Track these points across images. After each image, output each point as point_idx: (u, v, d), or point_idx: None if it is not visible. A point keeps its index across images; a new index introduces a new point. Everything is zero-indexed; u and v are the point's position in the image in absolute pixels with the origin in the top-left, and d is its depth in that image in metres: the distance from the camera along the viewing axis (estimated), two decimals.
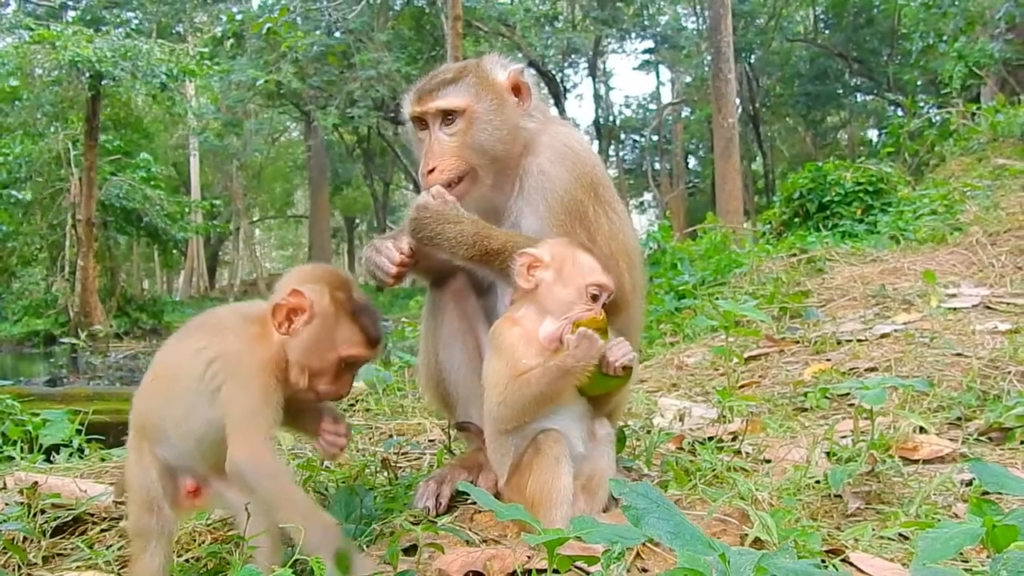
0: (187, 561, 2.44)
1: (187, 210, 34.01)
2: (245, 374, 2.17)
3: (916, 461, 3.27)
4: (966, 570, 1.85)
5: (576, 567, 2.24)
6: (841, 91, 44.53)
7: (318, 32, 34.71)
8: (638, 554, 2.41)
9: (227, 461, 2.10)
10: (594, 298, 2.48)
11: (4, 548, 2.49)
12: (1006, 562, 1.52)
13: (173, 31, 39.43)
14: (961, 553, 2.28)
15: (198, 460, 2.24)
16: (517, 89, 2.83)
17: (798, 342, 5.40)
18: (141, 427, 2.26)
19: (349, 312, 2.29)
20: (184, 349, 2.26)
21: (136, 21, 38.10)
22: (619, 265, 2.74)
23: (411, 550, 2.33)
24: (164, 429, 2.23)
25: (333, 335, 2.27)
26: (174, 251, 37.00)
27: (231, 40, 35.88)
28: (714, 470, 3.09)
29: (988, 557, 1.66)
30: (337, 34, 36.17)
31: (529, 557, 2.25)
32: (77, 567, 2.45)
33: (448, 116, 2.77)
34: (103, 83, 24.56)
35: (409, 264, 2.74)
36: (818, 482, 2.97)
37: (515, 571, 2.19)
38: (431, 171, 2.76)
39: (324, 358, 2.26)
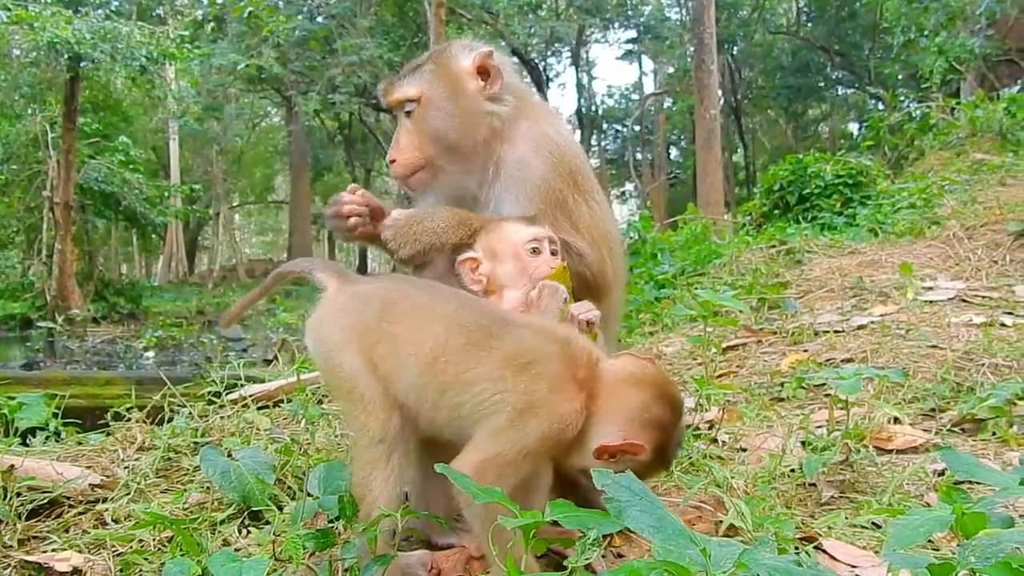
0: (162, 545, 2.44)
1: (166, 194, 33.73)
2: (534, 428, 2.02)
3: (890, 451, 3.31)
4: (936, 557, 1.87)
5: (551, 551, 2.26)
6: (822, 84, 44.67)
7: (300, 17, 34.43)
8: (613, 539, 2.43)
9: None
10: (535, 251, 2.46)
11: None
12: (974, 548, 1.55)
13: (153, 14, 39.04)
14: (931, 540, 2.32)
15: (428, 429, 2.19)
16: (485, 72, 2.80)
17: (776, 332, 5.44)
18: (373, 359, 2.17)
19: (664, 460, 2.13)
20: (476, 363, 2.09)
21: (116, 3, 37.73)
22: (601, 252, 2.76)
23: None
24: (408, 397, 2.16)
25: (639, 472, 2.00)
26: (153, 236, 36.75)
27: (212, 23, 35.52)
28: (690, 457, 3.12)
29: (957, 544, 1.68)
30: (319, 19, 35.90)
31: None
32: (53, 549, 2.44)
33: (408, 105, 2.77)
34: (82, 65, 24.25)
35: (360, 208, 2.75)
36: (793, 471, 3.00)
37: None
38: (392, 162, 2.82)
39: None
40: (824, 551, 2.38)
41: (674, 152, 56.48)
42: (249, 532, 2.56)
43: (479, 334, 2.14)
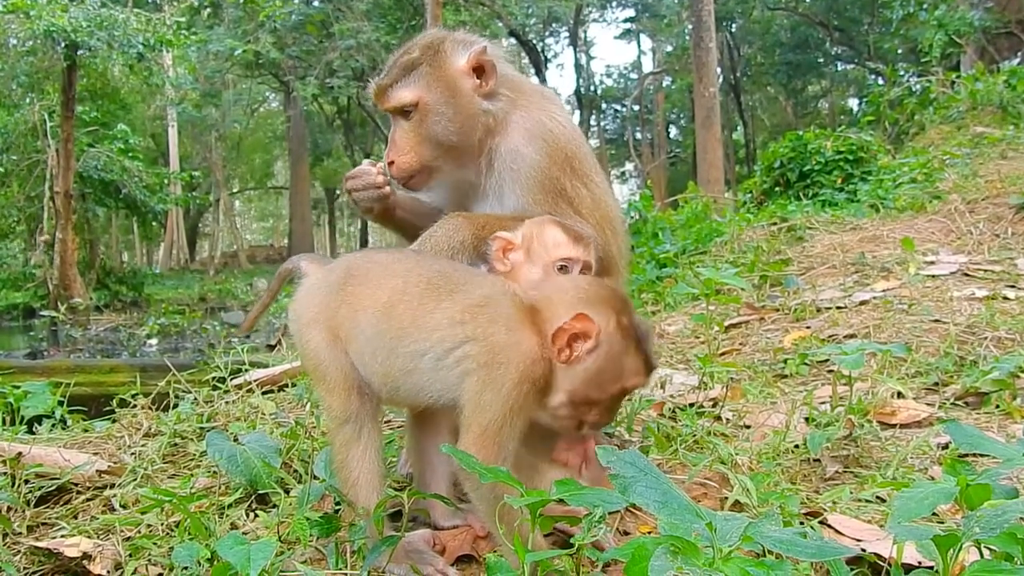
0: (170, 530, 2.45)
1: (166, 182, 33.69)
2: (505, 378, 2.01)
3: (893, 426, 3.32)
4: (941, 529, 1.88)
5: (557, 529, 2.28)
6: (822, 60, 44.51)
7: (296, 1, 34.33)
8: (620, 517, 2.44)
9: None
10: (563, 270, 2.47)
11: None
12: (979, 519, 1.56)
13: (149, 0, 38.92)
14: (936, 513, 2.33)
15: (383, 391, 2.22)
16: (480, 70, 2.78)
17: (778, 310, 5.44)
18: (335, 328, 2.22)
19: (634, 339, 2.09)
20: (434, 307, 2.11)
21: None
22: (605, 233, 2.77)
23: (395, 516, 2.35)
24: (364, 353, 2.19)
25: (619, 365, 2.08)
26: (153, 223, 36.67)
27: (208, 9, 35.43)
28: (694, 435, 3.12)
29: (962, 516, 1.69)
30: (316, 3, 35.82)
31: None
32: (62, 535, 2.46)
33: (404, 110, 2.77)
34: (79, 53, 24.18)
35: (388, 178, 2.83)
36: (797, 447, 3.01)
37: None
38: (391, 163, 2.82)
39: (604, 390, 2.09)
40: (829, 526, 2.39)
41: (673, 131, 56.41)
42: (256, 515, 2.57)
43: (440, 281, 2.17)
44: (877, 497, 2.58)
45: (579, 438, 2.23)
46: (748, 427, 3.38)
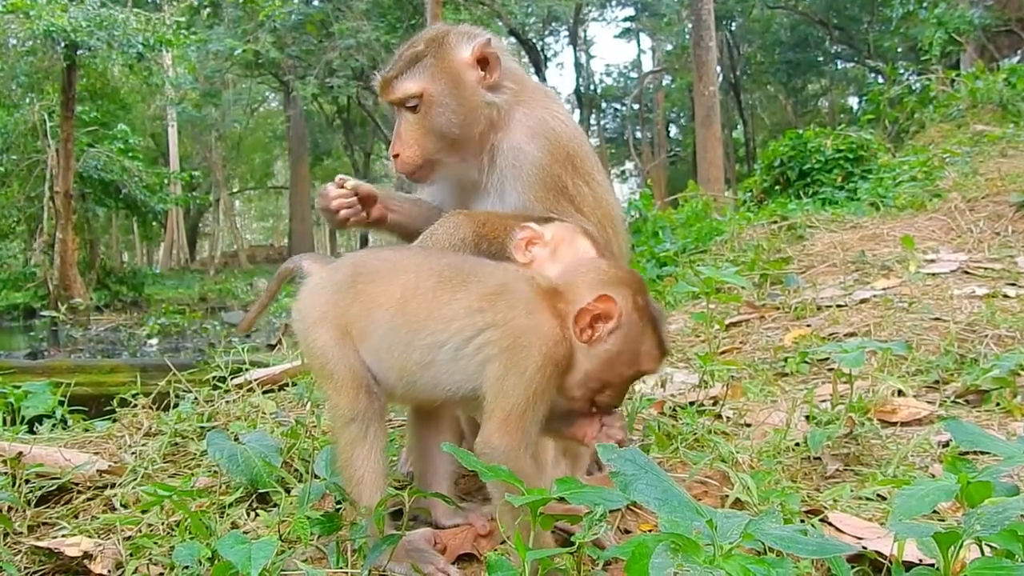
0: (171, 529, 2.45)
1: (166, 182, 33.68)
2: (528, 361, 2.03)
3: (894, 423, 3.32)
4: (942, 527, 1.88)
5: (558, 528, 2.27)
6: (821, 58, 44.52)
7: (296, 1, 34.31)
8: (621, 516, 2.44)
9: (480, 439, 2.03)
10: None
11: None
12: (980, 516, 1.56)
13: (149, 0, 38.92)
14: (936, 511, 2.33)
15: (399, 387, 2.22)
16: (484, 61, 2.78)
17: (778, 308, 5.44)
18: (345, 326, 2.22)
19: (651, 321, 2.13)
20: (449, 298, 2.13)
21: None
22: (607, 232, 2.77)
23: (396, 514, 2.35)
24: (379, 349, 2.19)
25: (637, 347, 2.11)
26: (153, 223, 36.67)
27: (208, 9, 35.39)
28: (695, 434, 3.12)
29: (963, 514, 1.69)
30: (315, 2, 35.80)
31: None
32: (63, 535, 2.46)
33: (410, 101, 2.77)
34: (79, 53, 24.17)
35: (347, 200, 2.80)
36: (798, 445, 3.01)
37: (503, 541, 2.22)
38: (395, 156, 2.82)
39: (621, 372, 2.13)
40: (830, 523, 2.39)
41: (673, 130, 56.40)
42: (257, 515, 2.56)
43: (451, 273, 2.18)
44: (878, 495, 2.58)
45: (591, 416, 2.23)
46: (748, 425, 3.38)
